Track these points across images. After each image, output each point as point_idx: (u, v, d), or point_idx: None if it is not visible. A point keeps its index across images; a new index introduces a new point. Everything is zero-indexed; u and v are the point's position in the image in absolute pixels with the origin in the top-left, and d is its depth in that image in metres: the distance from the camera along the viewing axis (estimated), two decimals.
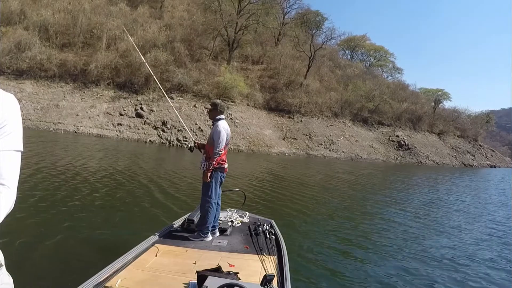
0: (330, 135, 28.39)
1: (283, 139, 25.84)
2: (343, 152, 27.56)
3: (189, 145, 3.87)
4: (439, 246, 5.67)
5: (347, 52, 51.20)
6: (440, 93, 46.51)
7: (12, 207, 0.86)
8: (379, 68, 52.18)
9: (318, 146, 26.76)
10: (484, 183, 21.22)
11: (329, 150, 26.96)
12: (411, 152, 32.52)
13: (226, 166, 3.61)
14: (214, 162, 3.44)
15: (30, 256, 3.44)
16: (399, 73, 53.48)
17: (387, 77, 50.02)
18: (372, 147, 30.44)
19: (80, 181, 7.39)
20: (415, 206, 9.45)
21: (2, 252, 0.99)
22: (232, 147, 21.63)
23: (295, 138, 26.33)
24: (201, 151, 3.72)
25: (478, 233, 6.98)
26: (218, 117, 3.57)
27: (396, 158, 30.94)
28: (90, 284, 2.09)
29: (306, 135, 27.17)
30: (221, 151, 3.43)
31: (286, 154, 24.01)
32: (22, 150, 0.92)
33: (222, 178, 3.62)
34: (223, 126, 3.50)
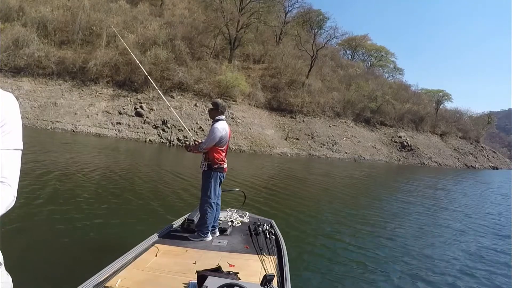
0: (332, 136, 28.02)
1: (285, 139, 25.46)
2: (346, 153, 27.20)
3: (188, 143, 3.83)
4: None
5: (348, 52, 50.97)
6: (441, 94, 46.24)
7: (12, 205, 0.87)
8: (380, 68, 51.92)
9: (321, 147, 26.39)
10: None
11: (332, 151, 26.58)
12: (414, 153, 32.18)
13: (225, 166, 3.56)
14: (195, 150, 3.48)
15: (29, 255, 3.39)
16: (400, 73, 53.33)
17: (388, 77, 49.80)
18: (375, 147, 30.09)
19: (79, 181, 7.23)
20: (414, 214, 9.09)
21: (1, 252, 1.00)
22: (233, 147, 21.24)
23: (297, 139, 25.95)
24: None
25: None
26: (218, 117, 3.53)
27: (399, 159, 30.60)
28: (90, 284, 2.07)
29: (309, 135, 26.80)
30: (205, 149, 3.42)
31: (289, 155, 23.63)
32: (22, 148, 0.94)
33: (222, 178, 3.58)
34: (221, 126, 3.45)
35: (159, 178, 8.85)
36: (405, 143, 32.39)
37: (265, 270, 2.47)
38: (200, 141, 3.63)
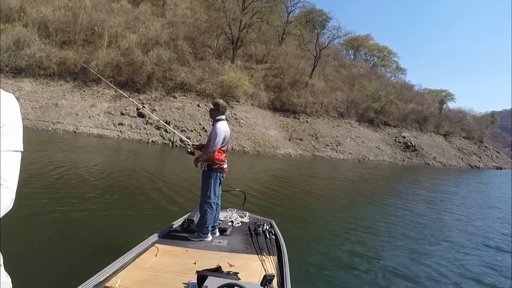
0: (336, 136, 27.73)
1: (289, 140, 25.20)
2: (350, 153, 26.91)
3: (189, 149, 3.75)
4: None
5: (350, 52, 50.66)
6: (444, 93, 45.94)
7: (10, 207, 0.86)
8: (383, 68, 51.64)
9: (325, 147, 26.11)
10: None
11: (336, 152, 26.31)
12: (418, 153, 31.88)
13: (225, 166, 3.56)
14: (205, 156, 3.43)
15: (29, 256, 3.39)
16: (402, 73, 53.01)
17: (390, 77, 49.50)
18: (379, 148, 29.81)
19: (79, 181, 7.14)
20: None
21: (1, 252, 0.99)
22: (237, 148, 20.99)
23: (301, 139, 25.68)
24: (201, 151, 3.62)
25: None
26: (218, 117, 3.52)
27: (403, 160, 30.30)
28: (90, 284, 2.07)
29: (312, 135, 26.53)
30: (214, 152, 3.39)
31: (292, 156, 23.36)
32: (22, 150, 0.92)
33: (221, 178, 3.59)
34: (222, 127, 3.44)
35: (160, 179, 8.67)
36: (409, 143, 32.10)
37: (265, 270, 2.47)
38: (197, 143, 3.66)
